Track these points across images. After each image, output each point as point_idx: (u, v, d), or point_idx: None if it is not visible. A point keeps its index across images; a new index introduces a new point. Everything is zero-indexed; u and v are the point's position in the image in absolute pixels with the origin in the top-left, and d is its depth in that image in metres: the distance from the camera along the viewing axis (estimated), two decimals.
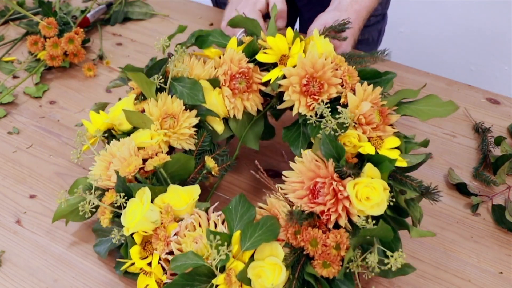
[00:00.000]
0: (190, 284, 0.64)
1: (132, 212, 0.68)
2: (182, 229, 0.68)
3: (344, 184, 0.65)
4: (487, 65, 2.13)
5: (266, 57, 0.79)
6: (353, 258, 0.63)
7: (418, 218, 0.69)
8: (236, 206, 0.68)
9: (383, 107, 0.74)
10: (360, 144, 0.70)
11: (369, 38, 1.28)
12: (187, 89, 0.77)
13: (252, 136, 0.81)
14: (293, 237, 0.64)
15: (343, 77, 0.75)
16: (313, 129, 0.73)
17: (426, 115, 0.75)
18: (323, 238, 0.63)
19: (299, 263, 0.65)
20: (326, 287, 0.63)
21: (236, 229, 0.67)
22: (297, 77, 0.75)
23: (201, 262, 0.64)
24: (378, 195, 0.64)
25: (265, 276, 0.63)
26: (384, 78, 0.79)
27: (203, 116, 0.78)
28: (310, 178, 0.67)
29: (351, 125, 0.71)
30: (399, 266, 0.60)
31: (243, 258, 0.65)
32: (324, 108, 0.70)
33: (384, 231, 0.61)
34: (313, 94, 0.74)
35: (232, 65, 0.79)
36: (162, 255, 0.67)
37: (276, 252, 0.64)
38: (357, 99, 0.73)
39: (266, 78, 0.78)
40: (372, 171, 0.66)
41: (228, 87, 0.79)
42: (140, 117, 0.76)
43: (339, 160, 0.67)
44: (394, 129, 0.74)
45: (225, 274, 0.64)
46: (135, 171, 0.71)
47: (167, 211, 0.69)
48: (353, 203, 0.64)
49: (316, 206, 0.65)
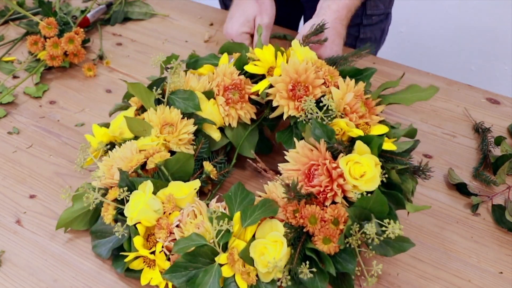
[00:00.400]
0: (193, 264, 0.66)
1: (135, 202, 0.70)
2: (184, 217, 0.70)
3: (337, 162, 0.69)
4: (487, 65, 2.13)
5: (255, 68, 0.84)
6: (352, 232, 0.65)
7: (412, 190, 0.72)
8: (235, 192, 0.71)
9: (368, 99, 0.78)
10: (349, 129, 0.73)
11: (371, 37, 1.28)
12: (183, 99, 0.82)
13: (247, 145, 0.86)
14: (292, 216, 0.67)
15: (325, 77, 0.80)
16: (303, 125, 0.77)
17: (410, 100, 0.81)
18: (321, 214, 0.66)
19: (300, 240, 0.66)
20: (329, 261, 0.64)
21: (236, 212, 0.69)
22: (282, 83, 0.79)
23: (203, 241, 0.65)
24: (370, 170, 0.67)
25: (268, 253, 0.65)
26: (365, 74, 0.85)
27: (200, 124, 0.82)
28: (304, 164, 0.71)
29: (338, 116, 0.75)
30: (396, 233, 0.62)
31: (244, 237, 0.68)
32: (309, 102, 0.74)
33: (380, 202, 0.64)
34: (300, 97, 0.78)
35: (225, 78, 0.84)
36: (165, 243, 0.68)
37: (276, 229, 0.66)
38: (341, 92, 0.77)
39: (254, 88, 0.83)
40: (362, 148, 0.70)
41: (222, 97, 0.83)
42: (141, 124, 0.79)
43: (331, 141, 0.71)
44: (380, 118, 0.78)
45: (227, 253, 0.66)
46: (137, 165, 0.73)
47: (169, 199, 0.70)
48: (347, 179, 0.68)
49: (312, 188, 0.69)
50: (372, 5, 1.22)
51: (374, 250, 0.66)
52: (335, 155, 0.71)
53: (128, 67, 1.13)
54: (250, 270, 0.65)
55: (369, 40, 1.28)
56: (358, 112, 0.76)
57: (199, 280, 0.65)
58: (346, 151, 0.71)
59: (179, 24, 1.26)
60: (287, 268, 0.65)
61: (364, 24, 1.25)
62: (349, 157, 0.69)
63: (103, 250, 0.74)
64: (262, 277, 0.66)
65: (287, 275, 0.65)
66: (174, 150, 0.79)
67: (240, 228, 0.68)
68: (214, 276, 0.65)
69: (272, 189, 0.73)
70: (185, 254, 0.66)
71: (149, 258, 0.70)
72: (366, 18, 1.24)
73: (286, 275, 0.65)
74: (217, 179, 0.81)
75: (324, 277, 0.65)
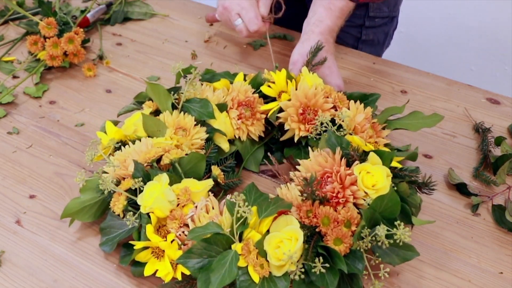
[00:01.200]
0: (208, 252, 0.67)
1: (150, 191, 0.71)
2: (198, 210, 0.71)
3: (352, 169, 0.71)
4: (487, 65, 2.13)
5: (269, 90, 0.88)
6: (363, 236, 0.66)
7: (419, 203, 0.75)
8: (249, 191, 0.72)
9: (374, 123, 0.83)
10: (362, 143, 0.76)
11: (374, 39, 1.27)
12: (198, 107, 0.84)
13: (253, 161, 0.90)
14: (305, 216, 0.68)
15: (335, 102, 0.84)
16: (314, 142, 0.81)
17: (415, 126, 0.85)
18: (334, 215, 0.68)
19: (312, 238, 0.68)
20: (340, 259, 0.65)
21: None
22: (293, 108, 0.84)
23: (220, 230, 0.66)
24: (382, 180, 0.70)
25: (283, 245, 0.65)
26: (371, 99, 0.90)
27: (211, 133, 0.84)
28: (317, 171, 0.73)
29: (348, 134, 0.79)
30: (406, 239, 0.64)
31: (260, 230, 0.68)
32: (323, 118, 0.79)
33: (393, 200, 0.67)
34: (310, 120, 0.83)
35: (240, 93, 0.88)
36: (177, 233, 0.69)
37: (291, 224, 0.67)
38: (351, 112, 0.81)
39: (264, 107, 0.88)
40: (375, 159, 0.73)
41: (236, 110, 0.87)
42: (156, 123, 0.81)
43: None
44: (386, 141, 0.82)
45: (243, 243, 0.66)
46: (155, 158, 0.75)
47: (185, 191, 0.72)
48: (359, 186, 0.70)
49: (324, 195, 0.71)
50: (375, 8, 1.21)
51: (381, 258, 0.67)
52: (350, 163, 0.73)
53: (128, 67, 1.13)
54: (263, 262, 0.66)
55: (371, 42, 1.27)
56: (367, 132, 0.80)
57: (214, 265, 0.65)
58: (360, 160, 0.73)
59: (179, 24, 1.26)
60: (300, 262, 0.66)
61: (367, 25, 1.24)
62: (362, 166, 0.72)
63: (108, 245, 0.74)
64: (274, 271, 0.66)
65: (301, 268, 0.66)
66: (186, 152, 0.80)
67: (256, 221, 0.68)
68: (231, 262, 0.65)
69: (285, 192, 0.74)
70: (201, 241, 0.66)
71: (158, 248, 0.70)
72: (368, 20, 1.23)
73: (300, 268, 0.66)
74: (224, 184, 0.82)
75: (335, 274, 0.65)
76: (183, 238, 0.70)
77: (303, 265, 0.66)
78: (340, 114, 0.79)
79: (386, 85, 1.07)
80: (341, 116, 0.78)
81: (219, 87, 0.91)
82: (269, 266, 0.66)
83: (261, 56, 1.15)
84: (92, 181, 0.77)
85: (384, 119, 0.86)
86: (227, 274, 0.65)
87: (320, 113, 0.81)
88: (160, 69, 1.12)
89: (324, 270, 0.64)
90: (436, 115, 0.86)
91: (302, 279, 0.66)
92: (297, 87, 0.86)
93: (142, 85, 1.07)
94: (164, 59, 1.15)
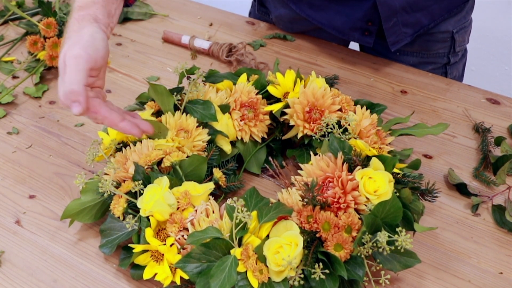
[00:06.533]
0: (207, 257, 0.66)
1: (150, 194, 0.71)
2: (198, 214, 0.71)
3: (353, 175, 0.71)
4: (487, 65, 2.13)
5: (275, 90, 0.88)
6: (364, 241, 0.66)
7: (421, 210, 0.75)
8: (250, 196, 0.71)
9: (379, 131, 0.83)
10: (365, 148, 0.75)
11: (456, 75, 1.18)
12: (200, 109, 0.83)
13: (255, 162, 0.89)
14: (305, 221, 0.68)
15: (342, 104, 0.85)
16: (318, 143, 0.81)
17: (420, 134, 0.86)
18: (335, 220, 0.67)
19: (312, 244, 0.67)
20: (340, 265, 0.64)
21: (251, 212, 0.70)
22: (300, 105, 0.83)
23: (219, 234, 0.66)
24: (384, 186, 0.69)
25: (282, 251, 0.65)
26: (377, 109, 0.90)
27: (214, 135, 0.83)
28: (318, 177, 0.73)
29: (353, 138, 0.78)
30: (408, 246, 0.63)
31: (260, 235, 0.68)
32: (330, 119, 0.79)
33: (395, 206, 0.66)
34: (315, 120, 0.83)
35: (243, 95, 0.87)
36: (176, 237, 0.69)
37: (291, 229, 0.67)
38: (358, 116, 0.82)
39: (267, 108, 0.87)
40: (377, 164, 0.73)
41: (239, 111, 0.87)
42: (157, 126, 0.80)
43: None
44: (390, 148, 0.82)
45: (242, 248, 0.66)
46: (155, 160, 0.75)
47: (185, 195, 0.71)
48: (361, 192, 0.69)
49: (325, 200, 0.70)
50: (460, 40, 1.13)
51: (381, 264, 0.67)
52: (351, 168, 0.73)
53: (128, 67, 1.12)
54: (263, 267, 0.66)
55: (453, 79, 1.14)
56: (371, 138, 0.80)
57: (213, 270, 0.65)
58: (362, 166, 0.73)
59: (179, 24, 1.26)
60: (300, 268, 0.66)
61: (451, 63, 1.16)
62: (364, 171, 0.71)
63: (108, 247, 0.74)
64: (273, 276, 0.66)
65: (301, 273, 0.65)
66: (187, 155, 0.80)
67: (256, 226, 0.68)
68: (230, 267, 0.65)
69: (285, 197, 0.73)
70: (200, 245, 0.66)
71: (157, 252, 0.70)
72: (453, 56, 1.14)
73: (299, 274, 0.65)
74: (225, 187, 0.82)
75: (335, 280, 0.65)
76: (183, 242, 0.69)
77: (303, 271, 0.66)
78: (347, 117, 0.79)
79: (386, 85, 1.07)
80: (348, 119, 0.78)
81: (222, 88, 0.90)
82: (269, 271, 0.66)
83: (261, 56, 1.15)
84: (92, 183, 0.77)
85: (388, 128, 0.87)
86: (226, 280, 0.64)
87: (326, 114, 0.81)
88: (160, 69, 1.12)
89: (324, 276, 0.64)
90: (441, 124, 0.86)
91: (302, 285, 0.65)
92: (306, 86, 0.86)
93: (142, 85, 1.07)
94: (164, 59, 1.14)
